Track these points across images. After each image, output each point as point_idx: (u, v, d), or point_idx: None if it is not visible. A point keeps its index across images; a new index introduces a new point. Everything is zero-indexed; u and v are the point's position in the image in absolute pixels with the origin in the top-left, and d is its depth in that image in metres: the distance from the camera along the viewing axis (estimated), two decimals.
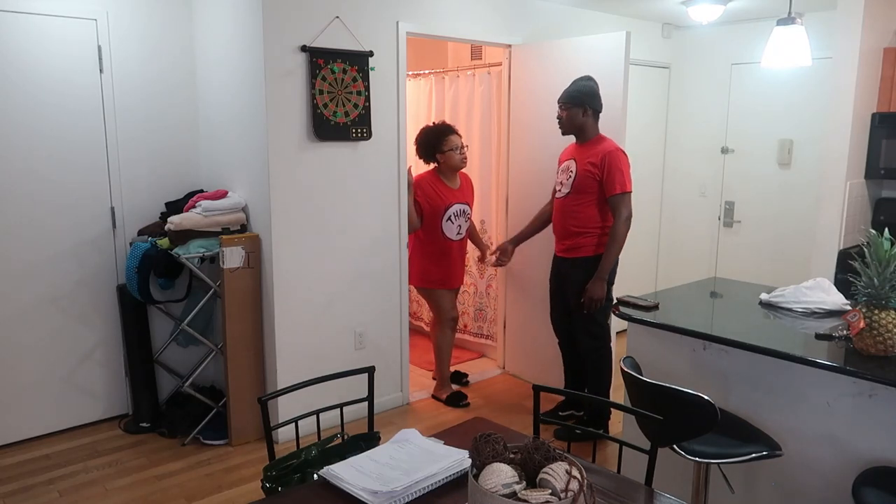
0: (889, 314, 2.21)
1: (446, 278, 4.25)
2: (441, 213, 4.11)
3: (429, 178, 4.16)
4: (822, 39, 4.54)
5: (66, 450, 3.66)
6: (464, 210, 4.20)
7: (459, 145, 4.09)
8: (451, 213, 4.13)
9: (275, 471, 2.05)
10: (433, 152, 4.11)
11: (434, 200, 4.11)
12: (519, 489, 1.39)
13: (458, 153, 4.08)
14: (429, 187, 4.13)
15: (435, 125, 4.17)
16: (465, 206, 4.21)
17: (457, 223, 4.17)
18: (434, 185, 4.13)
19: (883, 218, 4.42)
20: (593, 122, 3.67)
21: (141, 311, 3.89)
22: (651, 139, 5.80)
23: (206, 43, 3.96)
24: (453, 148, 4.06)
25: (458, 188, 4.20)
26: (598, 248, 3.61)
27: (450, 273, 4.26)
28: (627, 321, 2.89)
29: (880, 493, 1.99)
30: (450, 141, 4.06)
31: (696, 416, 2.16)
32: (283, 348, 3.75)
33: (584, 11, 4.94)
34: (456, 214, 4.16)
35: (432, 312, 4.44)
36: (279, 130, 3.56)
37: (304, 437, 2.31)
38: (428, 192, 4.12)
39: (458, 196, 4.17)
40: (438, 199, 4.11)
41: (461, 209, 4.18)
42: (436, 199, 4.11)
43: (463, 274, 4.42)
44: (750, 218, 5.49)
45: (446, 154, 4.08)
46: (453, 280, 4.31)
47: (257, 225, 3.74)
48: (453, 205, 4.14)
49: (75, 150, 3.73)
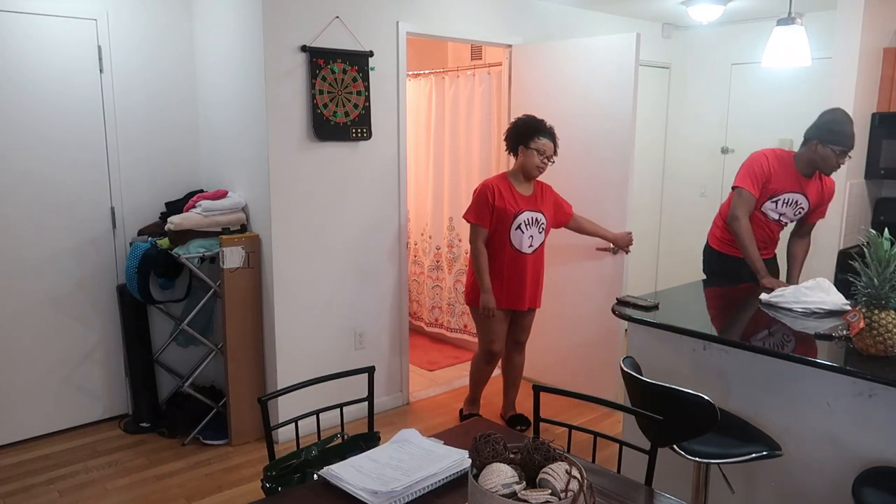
0: (889, 314, 2.21)
1: (499, 296, 3.68)
2: (509, 220, 3.60)
3: (498, 181, 3.68)
4: (822, 39, 4.54)
5: (66, 450, 3.66)
6: (537, 219, 3.66)
7: (547, 152, 3.58)
8: (521, 220, 3.62)
9: (275, 471, 2.05)
10: (518, 143, 3.63)
11: (501, 206, 3.59)
12: (519, 489, 1.39)
13: (540, 158, 3.57)
14: (497, 190, 3.62)
15: (537, 120, 3.65)
16: (538, 215, 3.66)
17: (528, 233, 3.65)
18: (503, 189, 3.63)
19: (883, 218, 4.43)
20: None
21: (141, 311, 3.89)
22: (651, 139, 5.80)
23: (206, 43, 3.96)
24: (539, 150, 3.56)
25: (532, 196, 3.68)
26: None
27: (509, 291, 3.69)
28: (627, 321, 2.88)
29: (880, 493, 1.99)
30: (539, 141, 3.57)
31: (696, 416, 2.16)
32: (283, 348, 3.75)
33: (584, 11, 4.94)
34: (528, 223, 3.65)
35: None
36: (279, 130, 3.56)
37: (304, 437, 2.31)
38: (497, 195, 3.61)
39: (531, 204, 3.65)
40: (506, 204, 3.59)
41: (533, 217, 3.65)
42: (504, 205, 3.59)
43: (532, 296, 3.77)
44: None
45: (529, 151, 3.58)
46: (507, 299, 3.71)
47: (257, 225, 3.74)
48: (524, 212, 3.62)
49: (75, 150, 3.73)
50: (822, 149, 3.21)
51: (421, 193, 5.50)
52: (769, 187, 3.35)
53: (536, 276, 3.78)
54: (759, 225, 3.43)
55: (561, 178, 4.03)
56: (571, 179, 4.15)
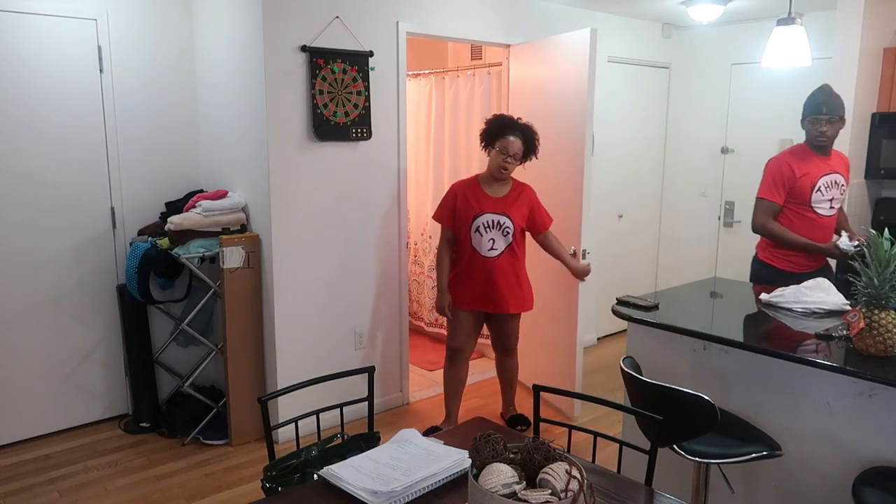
0: (889, 314, 2.21)
1: (461, 297, 3.67)
2: (469, 221, 3.58)
3: (466, 183, 3.67)
4: (822, 39, 4.54)
5: (66, 450, 3.67)
6: (499, 222, 3.56)
7: (511, 151, 3.49)
8: (479, 223, 3.56)
9: (275, 471, 2.05)
10: (488, 143, 3.60)
11: (464, 207, 3.59)
12: (519, 489, 1.39)
13: (503, 158, 3.50)
14: (462, 192, 3.62)
15: (507, 118, 3.60)
16: (501, 218, 3.56)
17: (488, 236, 3.57)
18: (467, 190, 3.62)
19: (883, 218, 4.43)
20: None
21: (141, 311, 3.89)
22: (651, 139, 5.81)
23: (206, 43, 3.96)
24: (502, 149, 3.49)
25: (502, 198, 3.59)
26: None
27: (469, 293, 3.65)
28: (627, 321, 2.88)
29: (880, 493, 1.99)
30: (504, 140, 3.50)
31: (696, 416, 2.16)
32: (283, 348, 3.75)
33: (584, 11, 4.94)
34: (487, 226, 3.57)
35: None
36: (279, 130, 3.56)
37: (304, 437, 2.31)
38: (460, 196, 3.61)
39: (496, 206, 3.56)
40: (467, 206, 3.59)
41: (495, 220, 3.56)
42: (465, 207, 3.59)
43: (508, 301, 3.65)
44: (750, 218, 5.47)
45: (494, 151, 3.54)
46: (473, 301, 3.65)
47: (257, 225, 3.74)
48: (484, 214, 3.56)
49: (75, 150, 3.73)
50: (805, 124, 3.39)
51: (421, 193, 5.50)
52: (802, 181, 3.36)
53: (509, 279, 3.63)
54: (815, 227, 3.40)
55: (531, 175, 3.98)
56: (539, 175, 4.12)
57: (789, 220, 3.42)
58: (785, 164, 3.39)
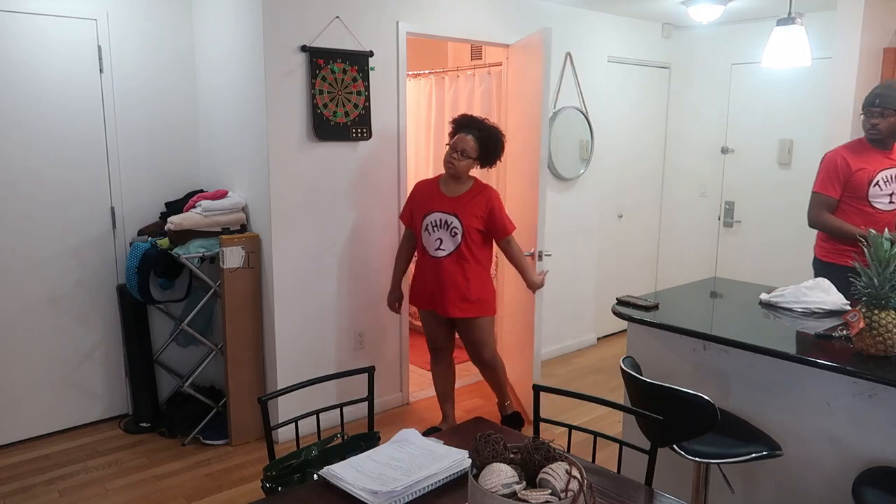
0: (889, 314, 2.21)
1: (416, 296, 3.66)
2: (419, 220, 3.52)
3: (427, 181, 3.65)
4: (822, 39, 4.54)
5: (66, 450, 3.66)
6: (447, 222, 3.43)
7: (458, 147, 3.41)
8: (427, 222, 3.48)
9: (275, 471, 2.05)
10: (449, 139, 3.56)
11: (419, 206, 3.55)
12: (519, 489, 1.39)
13: (449, 153, 3.43)
14: (420, 190, 3.61)
15: (467, 117, 3.55)
16: (449, 218, 3.42)
17: (435, 235, 3.47)
18: (424, 189, 3.59)
19: None
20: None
21: (141, 311, 3.89)
22: (651, 139, 5.81)
23: (206, 43, 3.96)
24: (451, 146, 3.45)
25: (456, 198, 3.46)
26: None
27: (422, 293, 3.60)
28: (627, 321, 2.88)
29: (880, 493, 2.00)
30: (457, 136, 3.46)
31: (696, 416, 2.16)
32: (283, 348, 3.75)
33: (584, 11, 4.94)
34: (435, 225, 3.47)
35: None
36: (279, 130, 3.56)
37: (304, 437, 2.32)
38: (417, 194, 3.60)
39: (446, 205, 3.45)
40: (420, 204, 3.54)
41: (443, 220, 3.44)
42: (420, 205, 3.55)
43: (454, 304, 3.49)
44: (750, 218, 5.49)
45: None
46: (426, 301, 3.59)
47: (257, 225, 3.74)
48: (433, 213, 3.46)
49: (75, 149, 3.73)
50: (861, 118, 3.38)
51: None
52: (859, 175, 3.32)
53: (456, 282, 3.45)
54: (873, 222, 3.32)
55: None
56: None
57: (847, 214, 3.39)
58: (840, 157, 3.36)
